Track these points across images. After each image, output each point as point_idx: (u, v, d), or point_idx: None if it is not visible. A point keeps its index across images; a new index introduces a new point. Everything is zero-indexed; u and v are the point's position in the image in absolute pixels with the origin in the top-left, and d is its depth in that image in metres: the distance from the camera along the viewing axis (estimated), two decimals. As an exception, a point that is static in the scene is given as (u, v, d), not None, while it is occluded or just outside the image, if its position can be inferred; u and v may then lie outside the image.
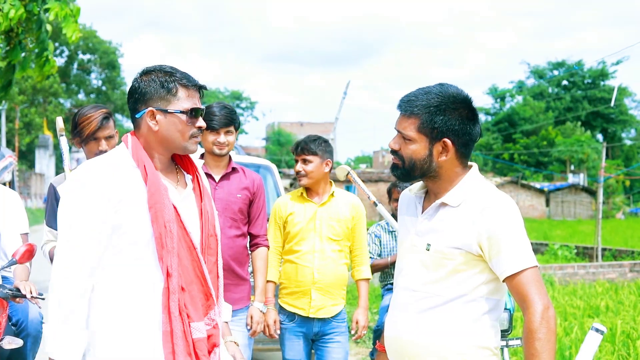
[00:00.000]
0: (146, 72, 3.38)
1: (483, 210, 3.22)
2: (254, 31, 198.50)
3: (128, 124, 70.80)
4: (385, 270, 7.43)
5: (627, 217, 53.90)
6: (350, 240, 5.80)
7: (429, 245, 3.32)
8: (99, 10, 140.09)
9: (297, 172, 5.70)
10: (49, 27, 12.08)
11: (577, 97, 77.21)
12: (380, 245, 7.40)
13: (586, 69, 76.71)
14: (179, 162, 3.53)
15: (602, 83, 77.35)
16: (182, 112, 3.31)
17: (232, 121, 5.27)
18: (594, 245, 21.26)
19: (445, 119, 3.26)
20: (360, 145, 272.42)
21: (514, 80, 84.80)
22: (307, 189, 5.76)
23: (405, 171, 3.38)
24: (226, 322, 3.83)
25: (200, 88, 3.42)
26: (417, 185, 3.55)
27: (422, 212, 3.42)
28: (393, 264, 7.23)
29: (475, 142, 3.37)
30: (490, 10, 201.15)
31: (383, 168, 67.30)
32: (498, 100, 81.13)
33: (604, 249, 21.74)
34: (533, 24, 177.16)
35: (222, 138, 5.22)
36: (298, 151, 5.68)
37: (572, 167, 66.08)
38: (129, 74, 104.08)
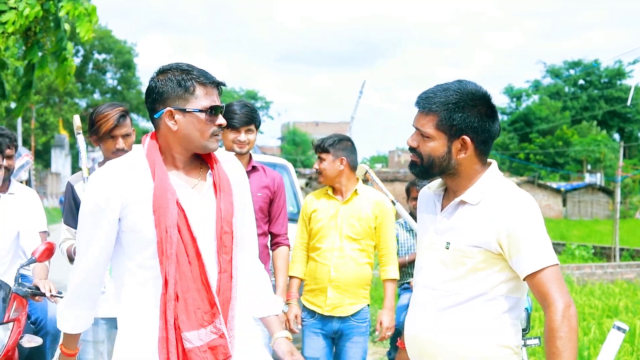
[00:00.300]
0: (162, 71, 3.32)
1: (502, 207, 3.20)
2: (262, 31, 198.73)
3: (143, 123, 70.92)
4: (402, 269, 7.40)
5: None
6: (374, 239, 5.78)
7: (448, 243, 3.30)
8: (111, 9, 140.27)
9: (316, 170, 5.77)
10: (67, 27, 12.08)
11: (593, 97, 76.75)
12: (398, 243, 7.38)
13: (602, 68, 76.37)
14: (204, 158, 3.45)
15: (618, 82, 76.95)
16: (200, 110, 3.25)
17: (252, 119, 5.27)
18: (612, 245, 21.17)
19: (463, 116, 3.24)
20: (375, 145, 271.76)
21: (529, 80, 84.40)
22: (333, 187, 5.77)
23: (423, 169, 3.35)
24: (277, 316, 3.75)
25: (218, 85, 3.37)
26: (436, 182, 3.53)
27: (441, 210, 3.41)
28: (411, 262, 7.23)
29: (495, 139, 3.35)
30: (498, 11, 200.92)
31: (399, 167, 67.08)
32: (514, 99, 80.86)
33: (621, 249, 21.65)
34: (541, 24, 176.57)
35: (243, 136, 5.23)
36: (315, 150, 5.74)
37: (589, 167, 65.79)
38: (142, 74, 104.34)
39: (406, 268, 7.32)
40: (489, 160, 3.40)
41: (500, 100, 75.61)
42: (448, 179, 3.38)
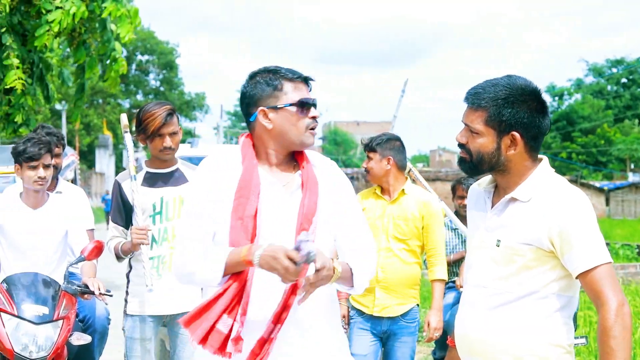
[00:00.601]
0: (252, 76, 3.42)
1: (554, 204, 3.16)
2: (305, 32, 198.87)
3: (186, 123, 71.27)
4: (447, 269, 7.35)
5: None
6: (421, 240, 5.75)
7: (498, 241, 3.27)
8: (155, 10, 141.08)
9: (364, 169, 5.78)
10: (113, 27, 12.16)
11: (636, 95, 75.97)
12: (443, 242, 7.33)
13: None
14: (297, 158, 3.46)
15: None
16: (291, 104, 3.31)
17: None
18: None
19: (513, 112, 3.20)
20: (416, 145, 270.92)
21: (572, 78, 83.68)
22: (381, 186, 5.78)
23: (472, 165, 3.33)
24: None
25: (306, 80, 3.41)
26: (486, 179, 3.49)
27: (492, 208, 3.37)
28: (456, 261, 7.19)
29: (545, 134, 3.31)
30: (539, 10, 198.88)
31: (440, 167, 66.86)
32: (556, 98, 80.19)
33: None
34: (583, 22, 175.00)
35: None
36: (364, 148, 5.77)
37: (632, 166, 65.13)
38: (185, 75, 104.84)
39: (451, 267, 7.27)
40: (539, 156, 3.36)
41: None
42: (498, 175, 3.34)
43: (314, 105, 3.39)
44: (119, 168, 58.94)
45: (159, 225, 5.11)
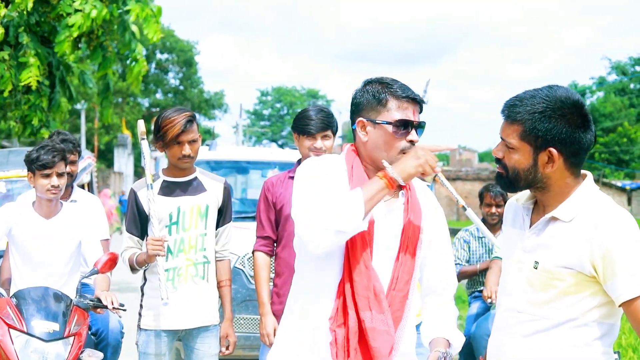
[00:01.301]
0: (365, 84, 3.36)
1: (597, 226, 2.93)
2: (328, 30, 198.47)
3: (205, 122, 71.42)
4: (473, 278, 7.18)
5: None
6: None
7: (536, 263, 3.05)
8: (176, 9, 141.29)
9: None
10: (134, 29, 12.08)
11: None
12: (469, 251, 7.17)
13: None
14: None
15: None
16: (389, 123, 3.22)
17: (329, 125, 5.04)
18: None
19: (550, 126, 2.98)
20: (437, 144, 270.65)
21: (594, 77, 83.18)
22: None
23: (509, 181, 3.12)
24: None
25: (417, 101, 3.29)
26: (525, 194, 3.27)
27: (530, 226, 3.16)
28: (482, 271, 7.00)
29: (588, 150, 3.07)
30: (563, 8, 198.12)
31: (460, 166, 66.67)
32: (578, 96, 79.60)
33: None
34: (607, 20, 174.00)
35: (319, 143, 4.98)
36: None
37: (655, 165, 64.75)
38: (205, 74, 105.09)
39: (478, 277, 7.10)
40: (583, 172, 3.14)
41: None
42: (537, 192, 3.13)
43: (416, 129, 3.27)
44: (138, 167, 59.03)
45: (175, 236, 4.97)
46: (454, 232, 27.29)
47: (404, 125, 3.22)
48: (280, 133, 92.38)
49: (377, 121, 3.23)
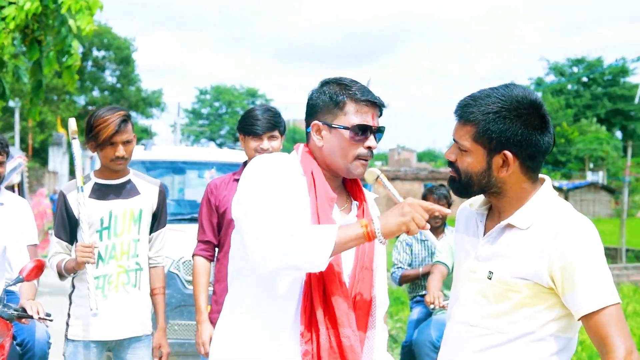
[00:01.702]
0: (323, 84, 3.14)
1: (557, 235, 2.75)
2: (269, 28, 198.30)
3: (142, 121, 70.75)
4: (415, 282, 7.03)
5: (648, 216, 53.43)
6: None
7: (490, 273, 2.87)
8: (113, 6, 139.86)
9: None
10: (71, 23, 11.80)
11: (597, 94, 76.67)
12: (412, 254, 7.02)
13: (606, 66, 76.33)
14: (349, 188, 3.20)
15: (622, 80, 76.85)
16: (346, 127, 3.00)
17: (276, 125, 4.83)
18: (617, 245, 20.79)
19: (505, 128, 2.79)
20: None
21: (532, 77, 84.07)
22: None
23: (461, 186, 2.93)
24: None
25: (377, 105, 3.07)
26: (479, 199, 3.08)
27: (484, 234, 2.97)
28: (424, 275, 6.85)
29: (546, 153, 2.89)
30: (506, 8, 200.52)
31: (399, 166, 66.95)
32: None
33: (627, 250, 21.28)
34: (551, 21, 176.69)
35: (266, 144, 4.78)
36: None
37: (591, 165, 65.55)
38: (143, 71, 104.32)
39: (419, 280, 6.95)
40: (541, 176, 2.96)
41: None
42: (492, 197, 2.95)
43: (375, 134, 3.05)
44: (73, 167, 58.22)
45: (106, 242, 4.74)
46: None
47: (362, 131, 3.01)
48: (219, 132, 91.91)
49: (333, 125, 3.02)
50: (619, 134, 78.30)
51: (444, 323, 5.92)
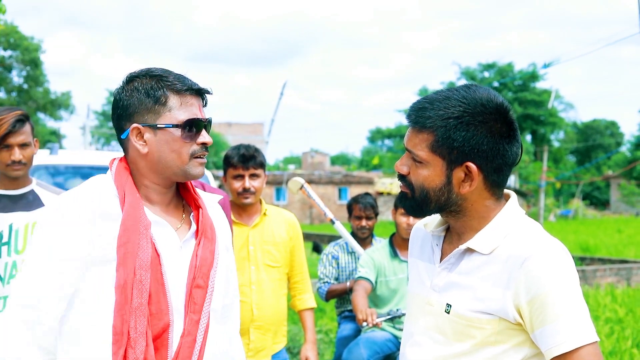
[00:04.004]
0: (130, 80, 2.64)
1: (524, 261, 2.32)
2: (178, 29, 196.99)
3: (51, 123, 69.35)
4: (343, 297, 6.63)
5: (558, 220, 54.29)
6: (289, 265, 5.03)
7: (448, 306, 2.45)
8: (18, 4, 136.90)
9: (246, 190, 4.86)
10: None
11: (507, 99, 77.70)
12: (338, 268, 6.61)
13: (516, 71, 77.50)
14: (184, 195, 2.76)
15: (532, 85, 78.17)
16: (175, 125, 2.56)
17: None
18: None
19: (468, 136, 2.36)
20: (289, 146, 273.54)
21: (444, 81, 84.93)
22: (238, 209, 4.97)
23: (415, 203, 2.48)
24: None
25: (200, 93, 2.65)
26: (435, 219, 2.65)
27: (441, 260, 2.54)
28: (352, 289, 6.46)
29: (513, 166, 2.46)
30: (417, 11, 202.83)
31: (312, 169, 66.83)
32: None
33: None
34: (460, 25, 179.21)
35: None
36: (247, 164, 4.84)
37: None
38: (51, 72, 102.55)
39: (348, 295, 6.54)
40: (506, 192, 2.55)
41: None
42: (450, 217, 2.52)
43: (206, 127, 2.60)
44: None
45: (5, 259, 4.19)
46: (308, 236, 26.93)
47: (194, 126, 2.59)
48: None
49: (159, 125, 2.57)
50: (529, 137, 79.60)
51: (374, 341, 5.57)
